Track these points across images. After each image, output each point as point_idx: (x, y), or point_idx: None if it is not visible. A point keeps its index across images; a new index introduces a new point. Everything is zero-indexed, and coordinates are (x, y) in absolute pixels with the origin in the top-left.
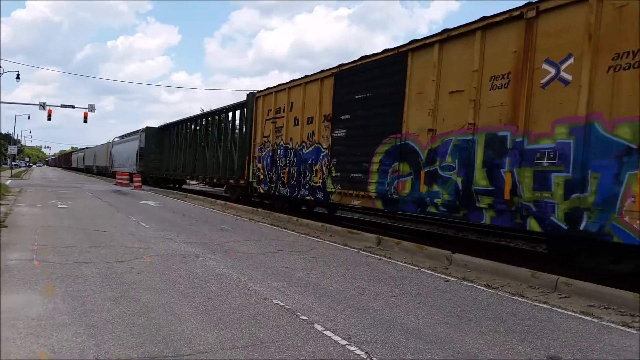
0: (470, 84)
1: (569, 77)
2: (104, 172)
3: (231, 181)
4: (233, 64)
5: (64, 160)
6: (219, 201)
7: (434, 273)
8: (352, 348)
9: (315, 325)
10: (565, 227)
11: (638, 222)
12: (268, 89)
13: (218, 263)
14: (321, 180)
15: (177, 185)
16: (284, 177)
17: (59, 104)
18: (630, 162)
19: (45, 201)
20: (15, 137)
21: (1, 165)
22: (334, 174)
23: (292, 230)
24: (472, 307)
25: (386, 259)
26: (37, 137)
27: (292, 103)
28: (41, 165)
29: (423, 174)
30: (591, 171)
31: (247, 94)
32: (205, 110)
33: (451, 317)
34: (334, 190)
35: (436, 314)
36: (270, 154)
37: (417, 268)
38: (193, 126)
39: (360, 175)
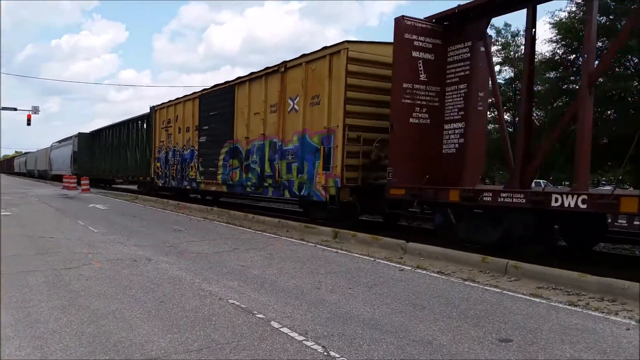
0: (261, 109)
1: (297, 107)
2: (44, 176)
3: (141, 178)
4: (183, 60)
5: (6, 166)
6: (171, 201)
7: (389, 263)
8: (309, 343)
9: (272, 322)
10: (298, 194)
11: (321, 188)
12: (163, 103)
13: (171, 265)
14: (194, 174)
15: (108, 185)
16: (173, 173)
17: None
18: (317, 156)
19: None
20: None
21: None
22: (200, 169)
23: (249, 228)
24: (425, 294)
25: (343, 252)
26: None
27: (177, 116)
28: None
29: (244, 167)
30: (305, 162)
31: (150, 107)
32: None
33: (406, 305)
34: (201, 180)
35: (391, 304)
36: (165, 155)
37: (372, 259)
38: (118, 132)
39: (214, 169)
